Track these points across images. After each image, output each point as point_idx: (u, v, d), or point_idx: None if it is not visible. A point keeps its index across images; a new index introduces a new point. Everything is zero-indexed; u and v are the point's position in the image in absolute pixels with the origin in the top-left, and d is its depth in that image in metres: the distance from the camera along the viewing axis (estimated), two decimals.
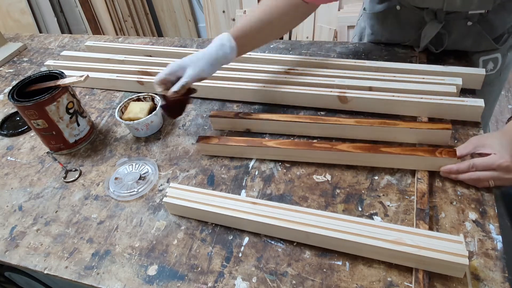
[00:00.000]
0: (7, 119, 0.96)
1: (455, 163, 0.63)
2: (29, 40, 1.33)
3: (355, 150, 0.67)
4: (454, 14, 0.79)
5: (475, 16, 0.79)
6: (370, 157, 0.67)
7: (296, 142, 0.70)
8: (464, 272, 0.51)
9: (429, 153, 0.64)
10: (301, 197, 0.66)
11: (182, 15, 2.74)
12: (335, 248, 0.57)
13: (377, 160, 0.67)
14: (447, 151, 0.63)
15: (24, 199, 0.75)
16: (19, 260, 0.64)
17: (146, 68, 0.96)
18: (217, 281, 0.57)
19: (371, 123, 0.71)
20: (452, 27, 0.82)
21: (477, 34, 0.81)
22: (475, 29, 0.80)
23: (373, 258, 0.56)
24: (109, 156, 0.81)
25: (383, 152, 0.66)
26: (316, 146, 0.69)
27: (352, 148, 0.67)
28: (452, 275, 0.52)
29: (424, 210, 0.60)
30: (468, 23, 0.80)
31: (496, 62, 0.87)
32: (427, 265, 0.52)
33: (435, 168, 0.65)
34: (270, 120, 0.76)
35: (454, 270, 0.51)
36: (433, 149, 0.64)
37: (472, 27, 0.80)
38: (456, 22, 0.80)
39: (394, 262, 0.55)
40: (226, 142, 0.73)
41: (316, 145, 0.69)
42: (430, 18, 0.81)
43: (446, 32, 0.83)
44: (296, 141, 0.71)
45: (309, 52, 1.00)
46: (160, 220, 0.67)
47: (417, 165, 0.66)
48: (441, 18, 0.80)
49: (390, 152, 0.65)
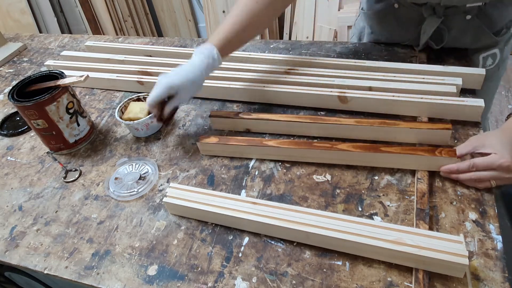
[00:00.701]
0: (7, 119, 0.96)
1: (455, 162, 0.63)
2: (29, 40, 1.33)
3: (355, 149, 0.67)
4: (453, 8, 0.79)
5: (473, 10, 0.79)
6: (370, 157, 0.67)
7: (297, 142, 0.70)
8: (464, 272, 0.51)
9: (429, 153, 0.64)
10: (301, 197, 0.66)
11: (182, 15, 2.74)
12: (335, 248, 0.57)
13: (377, 159, 0.67)
14: (447, 151, 0.63)
15: (24, 199, 0.75)
16: (19, 260, 0.64)
17: (146, 68, 0.96)
18: (217, 281, 0.57)
19: (371, 123, 0.70)
20: (451, 22, 0.82)
21: (476, 28, 0.82)
22: (474, 23, 0.81)
23: (373, 258, 0.56)
24: (109, 156, 0.81)
25: (383, 151, 0.66)
26: (316, 146, 0.69)
27: (352, 148, 0.67)
28: (452, 275, 0.52)
29: (424, 210, 0.60)
30: (467, 17, 0.80)
31: (494, 57, 0.88)
32: (427, 265, 0.52)
33: (435, 168, 0.65)
34: (270, 120, 0.76)
35: (454, 270, 0.51)
36: (433, 149, 0.64)
37: (471, 21, 0.80)
38: (455, 16, 0.81)
39: (394, 262, 0.55)
40: (227, 141, 0.73)
41: (316, 144, 0.69)
42: (428, 13, 0.81)
43: (445, 28, 0.83)
44: (296, 140, 0.71)
45: (309, 52, 1.00)
46: (160, 220, 0.67)
47: (417, 165, 0.66)
48: (439, 13, 0.80)
49: (390, 151, 0.65)
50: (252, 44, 1.07)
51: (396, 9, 0.86)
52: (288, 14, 2.28)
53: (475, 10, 0.79)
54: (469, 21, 0.80)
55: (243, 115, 0.78)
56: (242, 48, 1.06)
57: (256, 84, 0.85)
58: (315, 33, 2.19)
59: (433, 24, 0.82)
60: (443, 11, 0.80)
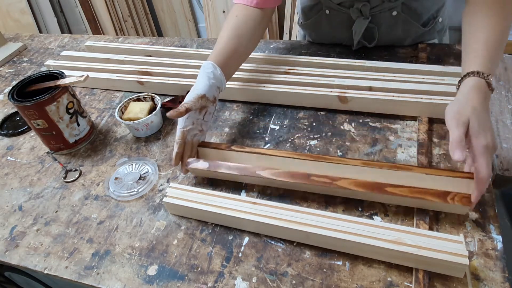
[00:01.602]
0: (7, 119, 0.96)
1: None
2: (29, 40, 1.33)
3: (357, 187, 0.60)
4: (378, 7, 0.84)
5: (397, 7, 0.84)
6: (374, 196, 0.62)
7: (293, 174, 0.64)
8: (464, 272, 0.51)
9: (440, 198, 0.57)
10: (301, 197, 0.66)
11: (182, 15, 2.74)
12: (335, 248, 0.57)
13: (381, 199, 0.62)
14: (460, 198, 0.56)
15: (24, 199, 0.75)
16: (19, 260, 0.64)
17: (146, 68, 0.96)
18: (217, 281, 0.57)
19: (380, 165, 0.62)
20: (379, 20, 0.87)
21: (404, 22, 0.87)
22: (401, 17, 0.86)
23: (373, 258, 0.56)
24: (109, 156, 0.81)
25: (388, 193, 0.59)
26: (314, 181, 0.62)
27: (354, 186, 0.60)
28: (452, 275, 0.52)
29: (424, 210, 0.60)
30: (393, 13, 0.85)
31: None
32: (427, 265, 0.52)
33: (445, 210, 0.60)
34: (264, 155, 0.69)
35: (454, 270, 0.51)
36: (444, 193, 0.57)
37: (398, 16, 0.85)
38: (382, 14, 0.86)
39: (394, 262, 0.55)
40: (217, 168, 0.67)
41: (314, 179, 0.62)
42: (356, 15, 0.86)
43: (375, 26, 0.88)
44: (292, 172, 0.64)
45: (309, 52, 1.00)
46: (160, 220, 0.67)
47: (428, 206, 0.59)
48: (366, 13, 0.85)
49: (397, 193, 0.58)
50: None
51: (327, 15, 0.91)
52: (288, 14, 2.28)
53: (399, 6, 0.84)
54: (396, 17, 0.86)
55: (236, 148, 0.71)
56: None
57: (256, 84, 0.85)
58: None
59: (361, 25, 0.87)
60: (370, 11, 0.85)
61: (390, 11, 0.85)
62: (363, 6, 0.84)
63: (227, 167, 0.67)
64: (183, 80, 0.91)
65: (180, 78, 0.92)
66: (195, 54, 1.01)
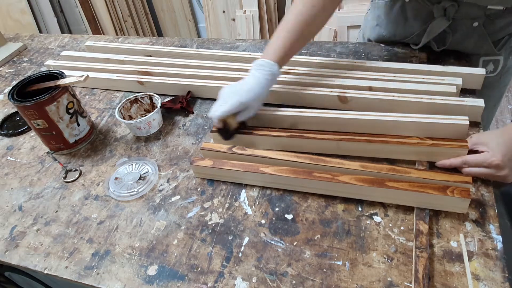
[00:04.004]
0: (7, 119, 0.96)
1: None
2: (29, 40, 1.33)
3: (358, 182, 0.62)
4: (464, 12, 0.79)
5: (481, 18, 0.79)
6: (374, 191, 0.62)
7: (295, 170, 0.65)
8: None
9: (440, 191, 0.58)
10: (301, 197, 0.66)
11: (182, 15, 2.74)
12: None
13: (382, 194, 0.62)
14: (459, 191, 0.57)
15: (24, 199, 0.75)
16: (19, 260, 0.64)
17: (146, 68, 0.96)
18: (217, 281, 0.57)
19: (378, 168, 0.64)
20: (457, 26, 0.82)
21: (480, 36, 0.82)
22: (479, 30, 0.80)
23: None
24: (109, 156, 0.81)
25: (388, 187, 0.60)
26: (316, 176, 0.64)
27: (355, 181, 0.62)
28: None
29: (424, 210, 0.60)
30: (474, 24, 0.80)
31: (497, 64, 0.87)
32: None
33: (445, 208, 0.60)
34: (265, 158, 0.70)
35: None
36: (444, 187, 0.59)
37: (477, 28, 0.80)
38: (463, 21, 0.80)
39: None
40: (221, 165, 0.69)
41: (316, 174, 0.64)
42: (439, 14, 0.81)
43: (450, 31, 0.83)
44: (295, 169, 0.66)
45: (309, 52, 1.00)
46: (160, 220, 0.67)
47: (428, 204, 0.60)
48: (450, 15, 0.79)
49: (397, 187, 0.60)
50: (252, 44, 1.07)
51: (406, 3, 0.85)
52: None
53: (483, 18, 0.79)
54: (475, 28, 0.80)
55: (237, 150, 0.72)
56: (242, 48, 1.06)
57: None
58: None
59: (440, 25, 0.81)
60: (454, 14, 0.79)
61: (472, 21, 0.79)
62: (451, 6, 0.78)
63: (231, 164, 0.69)
64: (183, 80, 0.91)
65: (180, 78, 0.92)
66: (195, 54, 1.01)
